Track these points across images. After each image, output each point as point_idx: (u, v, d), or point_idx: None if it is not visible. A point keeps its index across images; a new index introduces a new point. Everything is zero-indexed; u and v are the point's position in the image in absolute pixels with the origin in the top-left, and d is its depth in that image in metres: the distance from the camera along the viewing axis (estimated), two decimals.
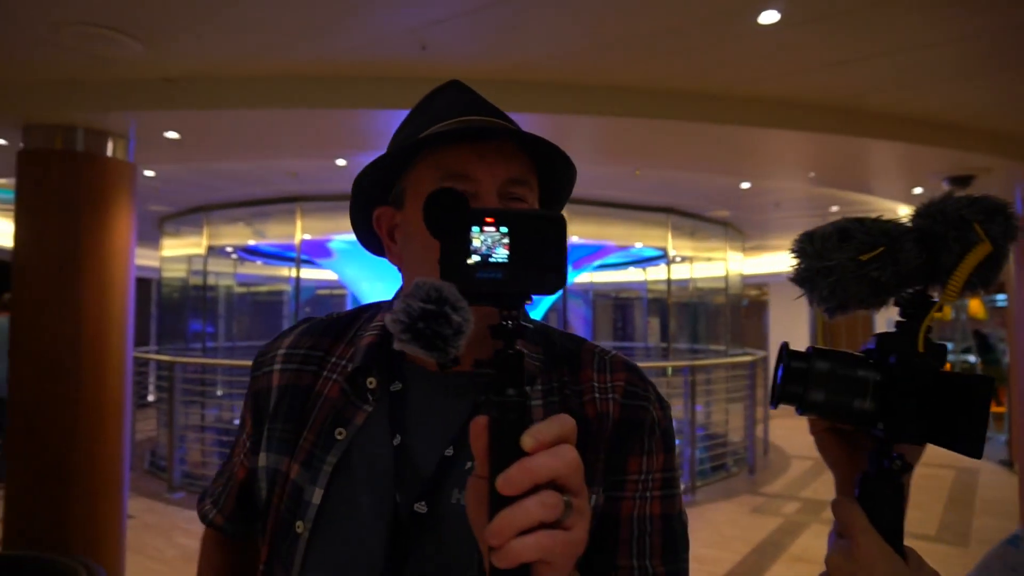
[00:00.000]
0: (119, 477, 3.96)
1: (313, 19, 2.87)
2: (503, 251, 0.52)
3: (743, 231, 8.89)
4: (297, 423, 0.80)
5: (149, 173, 5.74)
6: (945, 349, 0.60)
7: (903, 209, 6.75)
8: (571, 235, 7.14)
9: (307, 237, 7.20)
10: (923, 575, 0.60)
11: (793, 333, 13.32)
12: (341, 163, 5.26)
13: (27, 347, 3.75)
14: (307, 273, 10.11)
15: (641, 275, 10.65)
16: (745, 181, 5.89)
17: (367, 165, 0.79)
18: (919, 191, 5.57)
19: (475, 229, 0.52)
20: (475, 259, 0.52)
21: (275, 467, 0.80)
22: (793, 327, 13.39)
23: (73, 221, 3.81)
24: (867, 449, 0.63)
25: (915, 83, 3.51)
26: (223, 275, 9.77)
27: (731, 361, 7.90)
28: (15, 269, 3.81)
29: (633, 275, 11.08)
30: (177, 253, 8.58)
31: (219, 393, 8.11)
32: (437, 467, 0.75)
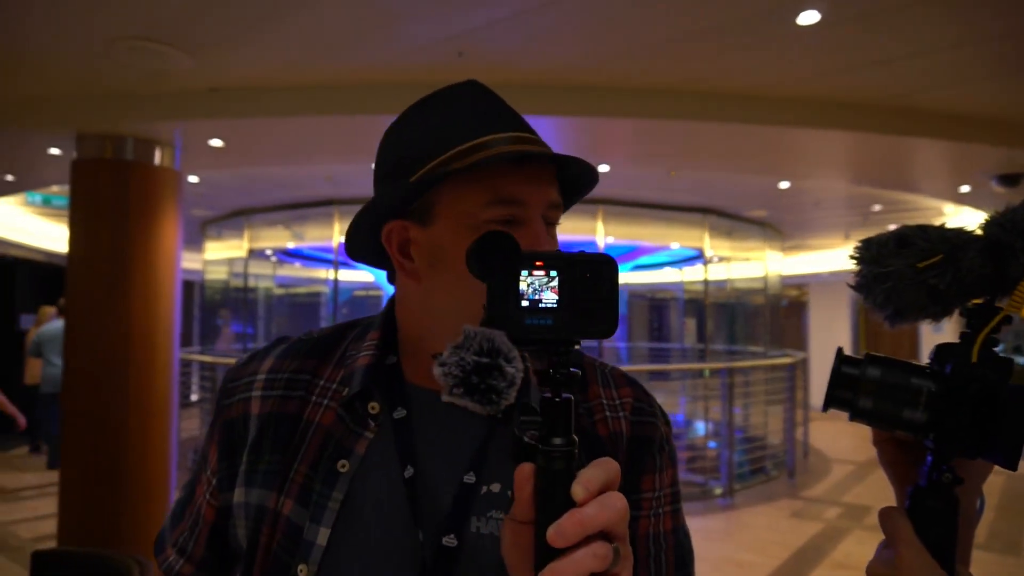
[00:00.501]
0: (167, 475, 4.09)
1: (354, 29, 2.93)
2: (552, 295, 0.51)
3: (782, 231, 8.75)
4: (285, 454, 0.73)
5: (193, 179, 5.89)
6: (1010, 363, 0.57)
7: (949, 208, 6.57)
8: (607, 236, 7.15)
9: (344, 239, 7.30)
10: None
11: (834, 335, 13.03)
12: None
13: (80, 348, 3.90)
14: (345, 275, 10.26)
15: (677, 275, 10.55)
16: (784, 181, 5.80)
17: (410, 182, 0.71)
18: (966, 189, 5.41)
19: (524, 273, 0.51)
20: (524, 304, 0.50)
21: (261, 503, 0.73)
22: (834, 329, 13.09)
23: (123, 227, 3.94)
24: (923, 461, 0.61)
25: (962, 80, 3.42)
26: (263, 277, 9.96)
27: (770, 363, 7.77)
28: (69, 274, 3.96)
29: (669, 276, 10.98)
30: (219, 256, 8.81)
31: None
32: (458, 496, 0.70)
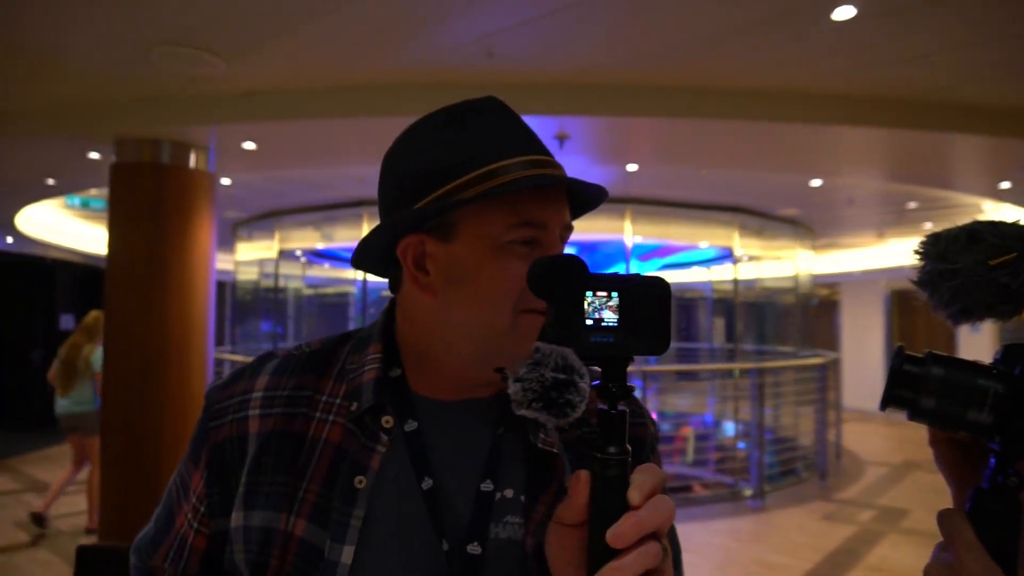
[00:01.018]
0: None
1: (384, 31, 2.96)
2: (611, 315, 0.55)
3: (813, 229, 8.62)
4: (291, 474, 0.72)
5: (225, 181, 5.99)
6: None
7: (988, 204, 6.41)
8: (634, 235, 7.11)
9: None
10: None
11: (866, 335, 12.79)
12: None
13: (118, 348, 3.99)
14: (373, 276, 10.34)
15: (706, 275, 10.45)
16: (816, 178, 5.72)
17: (438, 201, 0.71)
18: (1007, 185, 5.28)
19: (588, 294, 0.55)
20: (588, 323, 0.55)
21: (268, 526, 0.71)
22: (866, 328, 12.85)
23: (160, 229, 4.03)
24: (986, 463, 0.60)
25: (1001, 74, 3.34)
26: (292, 278, 10.09)
27: (801, 363, 7.66)
28: (108, 275, 4.06)
29: (697, 275, 10.89)
30: (250, 257, 8.95)
31: None
32: (477, 504, 0.72)
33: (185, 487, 0.79)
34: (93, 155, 4.47)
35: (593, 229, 7.41)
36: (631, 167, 5.20)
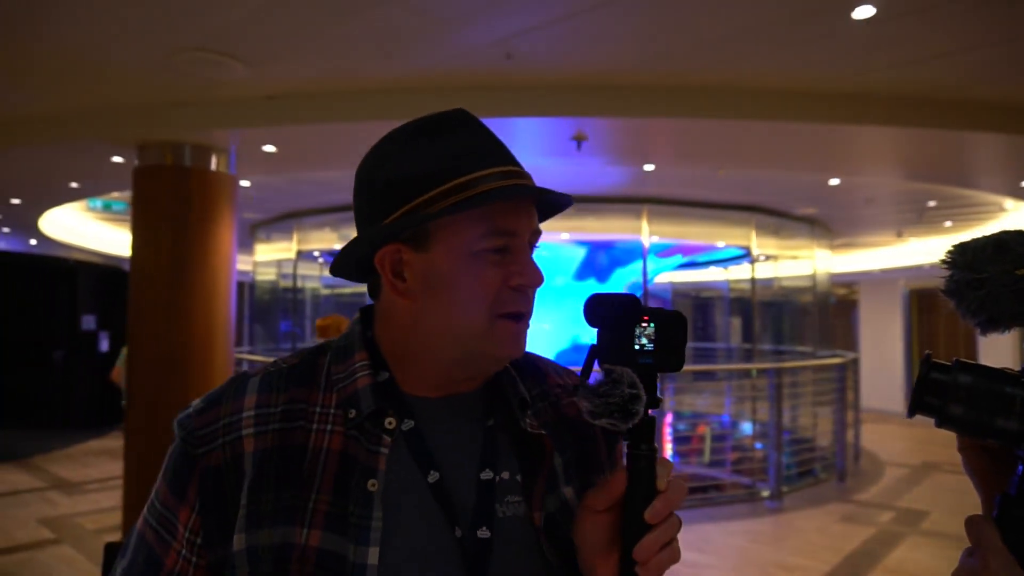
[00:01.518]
0: None
1: (403, 35, 2.98)
2: (648, 341, 0.70)
3: (831, 228, 8.55)
4: (297, 487, 0.73)
5: (244, 183, 6.06)
6: None
7: (1009, 203, 6.34)
8: (651, 235, 7.10)
9: None
10: None
11: (885, 334, 12.67)
12: None
13: (143, 348, 4.05)
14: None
15: (723, 274, 10.40)
16: (834, 177, 5.68)
17: (419, 214, 0.73)
18: None
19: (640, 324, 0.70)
20: (637, 348, 0.70)
21: (280, 541, 0.71)
22: (885, 328, 12.72)
23: (182, 230, 4.08)
24: (1013, 469, 0.60)
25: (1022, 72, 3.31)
26: (310, 278, 10.17)
27: (819, 363, 7.60)
28: (132, 276, 4.12)
29: (714, 274, 10.84)
30: (268, 258, 9.04)
31: None
32: (479, 491, 0.76)
33: (169, 525, 0.76)
34: (116, 159, 4.54)
35: (611, 229, 7.41)
36: (648, 167, 5.20)
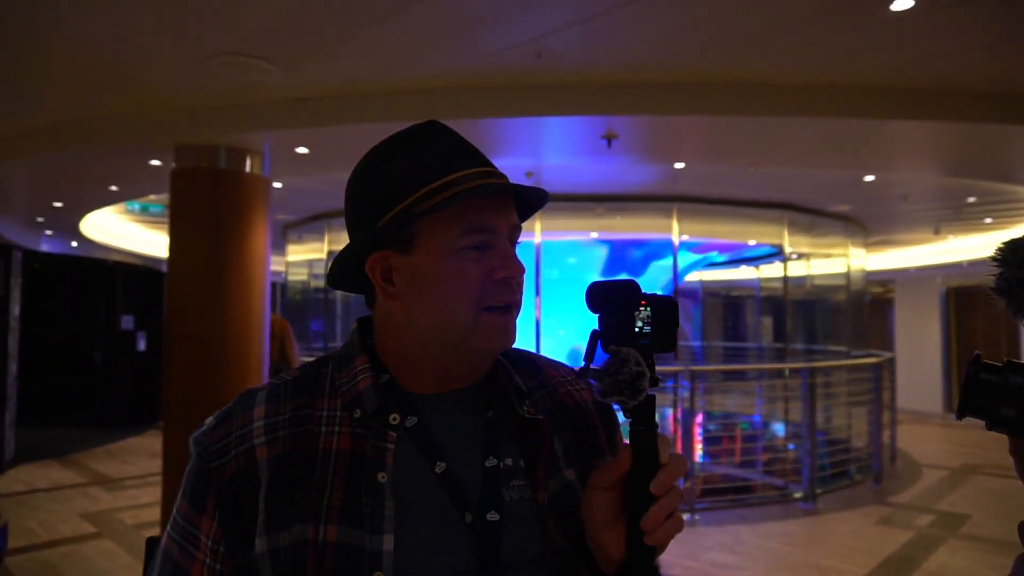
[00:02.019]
0: None
1: (434, 36, 3.00)
2: (644, 323, 0.74)
3: (865, 225, 8.39)
4: (311, 487, 0.76)
5: (277, 185, 6.15)
6: None
7: None
8: (681, 233, 7.04)
9: None
10: None
11: (922, 333, 12.38)
12: None
13: (180, 349, 4.14)
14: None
15: (754, 273, 10.27)
16: (869, 174, 5.57)
17: (394, 218, 0.78)
18: None
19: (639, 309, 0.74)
20: (636, 330, 0.74)
21: (299, 539, 0.74)
22: (922, 327, 12.43)
23: (218, 232, 4.16)
24: None
25: None
26: None
27: (854, 363, 7.46)
28: (169, 277, 4.22)
29: (745, 273, 10.71)
30: (300, 258, 9.17)
31: None
32: (486, 477, 0.80)
33: (192, 538, 0.79)
34: (154, 162, 4.64)
35: (640, 228, 7.36)
36: (678, 165, 5.16)
